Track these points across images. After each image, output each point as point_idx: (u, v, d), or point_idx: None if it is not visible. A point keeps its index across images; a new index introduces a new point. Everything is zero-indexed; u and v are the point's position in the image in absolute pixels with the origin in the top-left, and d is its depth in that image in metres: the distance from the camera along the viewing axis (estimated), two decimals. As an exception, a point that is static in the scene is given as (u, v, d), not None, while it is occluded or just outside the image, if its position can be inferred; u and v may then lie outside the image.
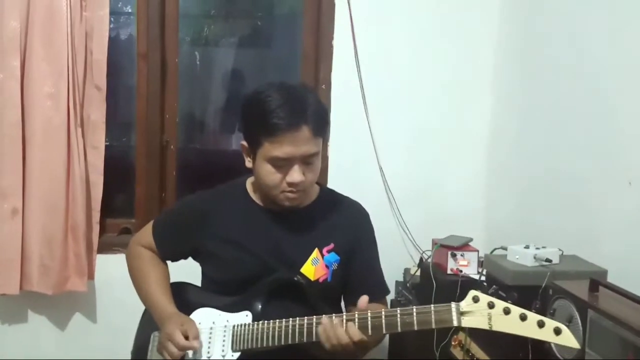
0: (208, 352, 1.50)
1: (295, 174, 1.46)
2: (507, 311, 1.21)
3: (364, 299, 1.39)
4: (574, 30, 2.02)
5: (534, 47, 2.28)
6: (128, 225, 2.56)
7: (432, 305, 1.29)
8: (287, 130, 1.42)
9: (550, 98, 2.15)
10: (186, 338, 1.45)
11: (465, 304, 1.25)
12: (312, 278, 1.56)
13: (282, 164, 1.46)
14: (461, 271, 2.01)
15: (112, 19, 2.40)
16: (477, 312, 1.23)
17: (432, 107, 2.56)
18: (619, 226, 1.74)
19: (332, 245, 1.58)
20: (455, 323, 1.25)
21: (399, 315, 1.31)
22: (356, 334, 1.33)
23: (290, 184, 1.48)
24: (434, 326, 1.28)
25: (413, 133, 2.56)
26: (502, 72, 2.52)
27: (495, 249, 1.86)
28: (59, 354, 2.47)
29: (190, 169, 2.70)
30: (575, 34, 2.01)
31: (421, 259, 2.26)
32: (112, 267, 2.38)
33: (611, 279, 1.58)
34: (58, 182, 2.29)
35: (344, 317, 1.37)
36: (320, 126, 1.48)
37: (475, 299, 1.24)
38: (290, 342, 1.42)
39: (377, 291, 1.66)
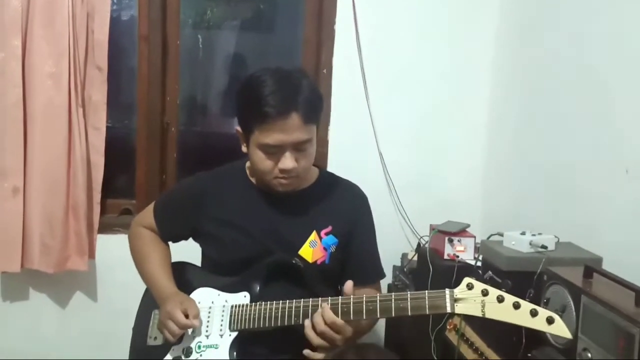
0: (206, 331, 1.53)
1: (287, 161, 1.47)
2: (500, 299, 1.23)
3: (349, 285, 1.40)
4: (574, 21, 2.01)
5: (534, 37, 2.28)
6: (129, 206, 2.58)
7: (427, 291, 1.31)
8: (276, 118, 1.42)
9: (548, 87, 2.15)
10: (186, 316, 1.47)
11: (459, 290, 1.26)
12: (310, 260, 1.58)
13: (274, 151, 1.47)
14: (458, 256, 2.03)
15: (114, 0, 2.39)
16: (471, 299, 1.24)
17: (433, 93, 2.57)
18: (615, 214, 1.75)
19: (330, 228, 1.60)
20: (448, 309, 1.26)
21: (393, 301, 1.33)
22: (330, 317, 1.34)
23: (282, 171, 1.49)
24: (427, 312, 1.29)
25: (413, 119, 2.57)
26: (502, 62, 2.52)
27: (491, 235, 1.88)
28: (59, 332, 2.51)
29: (190, 151, 2.71)
30: (574, 25, 2.01)
31: (419, 244, 2.28)
32: (112, 247, 2.41)
33: (606, 266, 1.59)
34: (59, 161, 2.31)
35: (329, 301, 1.37)
36: (312, 113, 1.48)
37: (470, 286, 1.26)
38: (286, 323, 1.44)
39: (373, 274, 1.68)
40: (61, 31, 2.26)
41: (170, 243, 1.75)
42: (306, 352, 1.39)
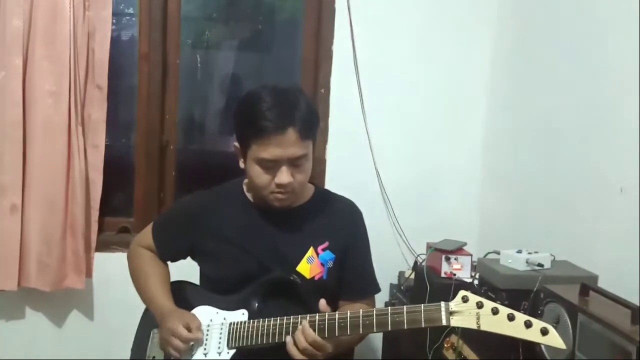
0: (205, 349, 1.53)
1: (283, 176, 1.49)
2: (495, 311, 1.23)
3: (322, 302, 1.42)
4: (571, 36, 2.04)
5: (529, 55, 2.31)
6: (127, 224, 2.58)
7: (422, 304, 1.31)
8: (273, 133, 1.45)
9: (545, 105, 2.18)
10: (188, 331, 1.48)
11: (455, 303, 1.27)
12: (307, 276, 1.59)
13: (270, 166, 1.49)
14: (455, 274, 2.03)
15: (114, 20, 2.41)
16: (466, 311, 1.25)
17: (429, 112, 2.60)
18: (611, 233, 1.76)
19: (326, 244, 1.61)
20: (444, 322, 1.27)
21: (389, 314, 1.33)
22: (310, 335, 1.37)
23: (278, 185, 1.51)
24: (423, 325, 1.30)
25: (410, 137, 2.59)
26: (498, 79, 2.55)
27: (488, 253, 1.89)
28: (56, 351, 2.48)
29: (188, 170, 2.72)
30: (572, 40, 2.04)
31: (415, 263, 2.28)
32: (110, 266, 2.41)
33: (602, 284, 1.60)
34: (58, 179, 2.31)
35: (319, 317, 1.40)
36: (308, 129, 1.50)
37: (465, 299, 1.27)
38: (284, 340, 1.43)
39: (369, 288, 1.70)
40: (62, 50, 2.28)
41: (169, 263, 1.76)
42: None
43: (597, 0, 1.92)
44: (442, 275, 2.05)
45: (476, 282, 1.89)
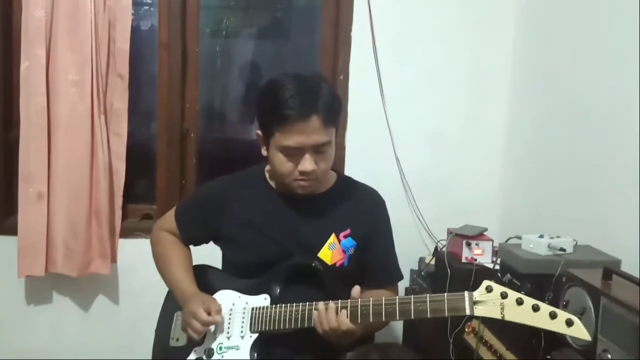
0: (228, 332, 1.56)
1: (307, 163, 1.49)
2: (519, 302, 1.23)
3: (356, 289, 1.43)
4: (594, 25, 2.02)
5: (553, 41, 2.28)
6: (149, 211, 2.61)
7: (446, 293, 1.32)
8: (297, 120, 1.45)
9: (566, 91, 2.16)
10: (208, 314, 1.50)
11: (479, 293, 1.27)
12: (329, 262, 1.60)
13: (294, 153, 1.50)
14: (475, 260, 2.03)
15: (134, 9, 2.43)
16: (490, 301, 1.25)
17: (449, 97, 2.58)
18: (634, 217, 1.74)
19: (348, 231, 1.62)
20: (467, 312, 1.27)
21: (412, 303, 1.34)
22: (345, 322, 1.38)
23: (302, 173, 1.51)
24: (446, 314, 1.31)
25: (430, 123, 2.58)
26: (520, 65, 2.53)
27: (509, 238, 1.88)
28: (82, 334, 2.55)
29: (209, 157, 2.75)
30: (594, 28, 2.01)
31: (436, 248, 2.29)
32: (133, 251, 2.45)
33: (625, 269, 1.59)
34: (82, 167, 2.35)
35: (348, 303, 1.41)
36: (332, 116, 1.50)
37: (489, 289, 1.26)
38: (306, 325, 1.46)
39: (391, 276, 1.71)
40: (84, 40, 2.31)
41: (191, 247, 1.79)
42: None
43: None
44: (463, 260, 2.06)
45: (497, 267, 1.89)
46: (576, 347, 1.44)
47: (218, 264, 1.76)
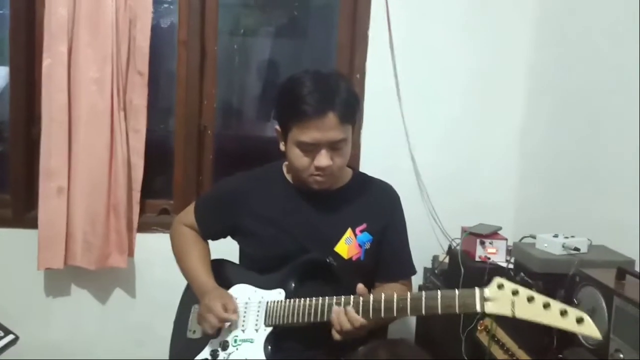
0: (243, 326, 1.58)
1: (323, 159, 1.52)
2: (530, 299, 1.23)
3: (361, 287, 1.45)
4: (610, 23, 2.01)
5: (569, 39, 2.27)
6: (166, 206, 2.65)
7: (457, 290, 1.32)
8: (313, 116, 1.48)
9: (582, 89, 2.15)
10: (225, 311, 1.53)
11: (490, 290, 1.27)
12: (345, 257, 1.62)
13: (310, 149, 1.52)
14: (489, 258, 2.03)
15: (154, 7, 2.46)
16: (501, 299, 1.25)
17: (465, 97, 2.58)
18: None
19: (364, 225, 1.64)
20: (478, 309, 1.27)
21: (423, 299, 1.35)
22: (357, 319, 1.40)
23: (317, 168, 1.54)
24: (457, 311, 1.31)
25: (445, 122, 2.58)
26: (536, 63, 2.52)
27: (524, 237, 1.88)
28: (100, 326, 2.59)
29: (226, 154, 2.77)
30: (611, 26, 2.01)
31: (450, 246, 2.29)
32: (150, 246, 2.49)
33: None
34: (101, 163, 2.39)
35: (360, 300, 1.43)
36: (348, 113, 1.52)
37: (500, 286, 1.27)
38: (319, 320, 1.48)
39: (405, 270, 1.73)
40: (105, 38, 2.35)
41: (209, 241, 1.81)
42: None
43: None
44: (477, 259, 2.06)
45: (511, 266, 1.89)
46: (588, 347, 1.44)
47: (236, 259, 1.79)
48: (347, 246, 1.63)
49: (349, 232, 1.63)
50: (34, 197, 2.48)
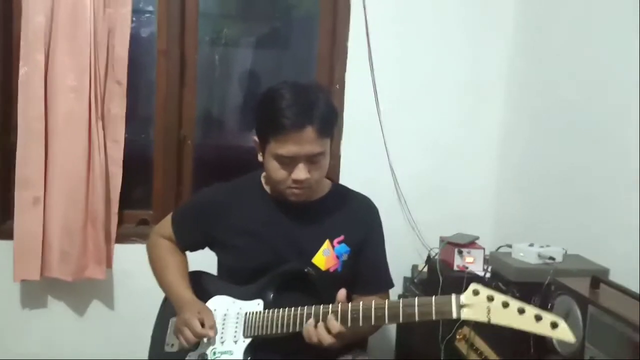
0: (221, 337, 1.57)
1: (300, 172, 1.51)
2: (505, 304, 1.24)
3: (342, 293, 1.45)
4: (589, 33, 2.04)
5: (547, 51, 2.31)
6: (145, 216, 2.63)
7: (433, 297, 1.33)
8: (291, 130, 1.47)
9: (561, 102, 2.18)
10: (202, 326, 1.52)
11: (465, 296, 1.28)
12: (322, 268, 1.62)
13: (288, 162, 1.52)
14: (467, 268, 2.06)
15: (133, 17, 2.45)
16: (477, 304, 1.26)
17: (444, 108, 2.61)
18: (623, 227, 1.77)
19: (342, 237, 1.64)
20: (454, 315, 1.28)
21: (401, 307, 1.35)
22: (335, 327, 1.39)
23: (295, 181, 1.53)
24: (434, 317, 1.31)
25: (424, 133, 2.61)
26: (515, 75, 2.56)
27: (500, 247, 1.91)
28: (77, 339, 2.55)
29: (206, 164, 2.76)
30: (590, 36, 2.04)
31: (429, 256, 2.31)
32: (129, 257, 2.46)
33: (614, 278, 1.62)
34: (79, 172, 2.36)
35: (338, 308, 1.42)
36: (326, 127, 1.52)
37: (475, 292, 1.27)
38: (298, 329, 1.47)
39: (382, 284, 1.72)
40: (83, 46, 2.32)
41: (187, 253, 1.80)
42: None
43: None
44: (455, 268, 2.08)
45: (488, 275, 1.91)
46: (564, 355, 1.46)
47: (214, 270, 1.78)
48: (325, 258, 1.63)
49: (326, 244, 1.63)
50: (9, 208, 2.45)
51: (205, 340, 1.56)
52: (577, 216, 2.01)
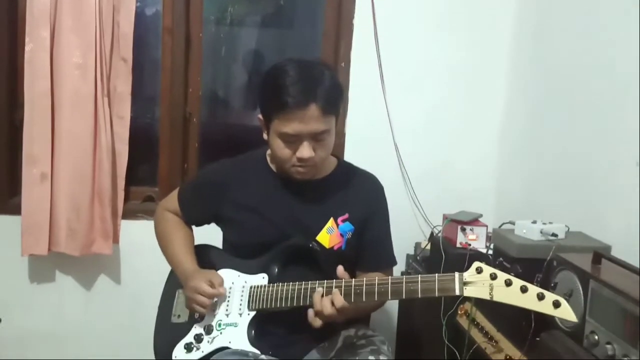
0: (227, 310, 1.60)
1: (305, 150, 1.51)
2: (508, 283, 1.26)
3: (340, 269, 1.46)
4: (589, 16, 2.04)
5: (549, 31, 2.30)
6: (151, 193, 2.65)
7: (437, 274, 1.34)
8: (295, 108, 1.46)
9: (561, 80, 2.18)
10: (212, 287, 1.54)
11: (469, 274, 1.30)
12: (327, 246, 1.63)
13: (292, 140, 1.51)
14: (470, 245, 2.07)
15: (139, -5, 2.46)
16: (480, 282, 1.28)
17: (448, 86, 2.61)
18: (625, 204, 1.78)
19: (347, 215, 1.65)
20: (457, 292, 1.30)
21: (404, 283, 1.37)
22: (339, 301, 1.41)
23: (299, 159, 1.53)
24: (437, 294, 1.33)
25: (428, 111, 2.61)
26: (517, 54, 2.55)
27: (503, 224, 1.92)
28: (84, 313, 2.59)
29: (211, 142, 2.77)
30: (590, 18, 2.03)
31: (432, 233, 2.32)
32: (135, 232, 2.49)
33: (615, 255, 1.62)
34: (85, 149, 2.38)
35: (342, 284, 1.44)
36: (331, 105, 1.51)
37: (479, 270, 1.29)
38: (302, 304, 1.49)
39: (385, 261, 1.74)
40: (88, 23, 2.33)
41: (193, 227, 1.82)
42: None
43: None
44: (458, 245, 2.09)
45: (491, 252, 1.93)
46: (565, 329, 1.47)
47: (219, 244, 1.80)
48: (329, 235, 1.63)
49: (331, 222, 1.64)
50: (17, 184, 2.46)
51: (214, 304, 1.57)
52: (579, 194, 2.01)
